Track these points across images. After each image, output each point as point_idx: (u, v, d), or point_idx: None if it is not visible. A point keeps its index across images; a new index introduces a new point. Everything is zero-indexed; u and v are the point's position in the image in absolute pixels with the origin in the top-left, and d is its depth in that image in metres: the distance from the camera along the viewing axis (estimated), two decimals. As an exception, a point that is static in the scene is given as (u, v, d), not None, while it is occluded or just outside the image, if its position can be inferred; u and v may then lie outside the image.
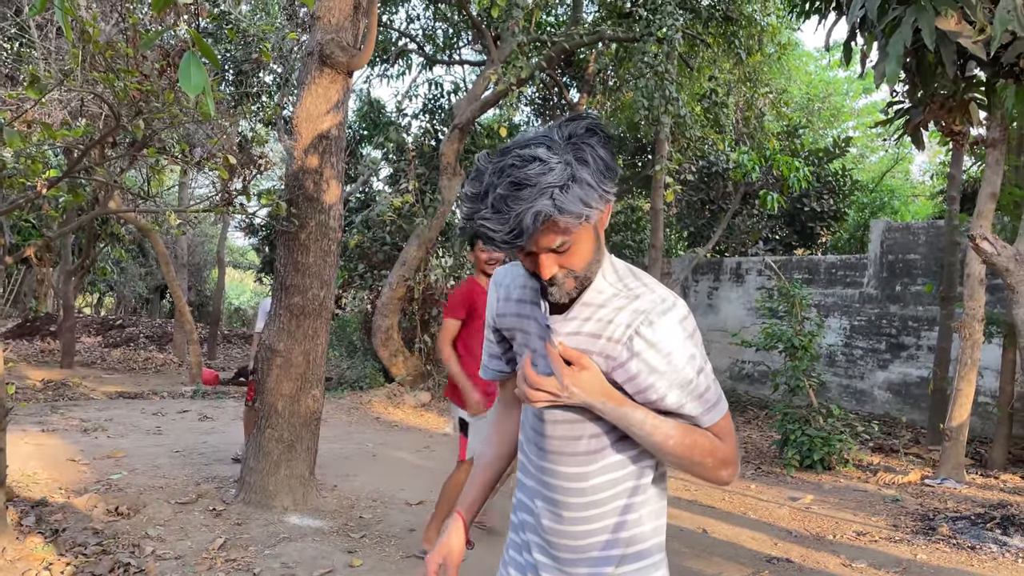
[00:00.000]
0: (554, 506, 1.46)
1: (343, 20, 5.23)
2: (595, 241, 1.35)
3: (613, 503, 1.42)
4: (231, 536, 4.49)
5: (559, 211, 1.22)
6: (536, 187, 1.21)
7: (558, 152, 1.25)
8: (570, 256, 1.32)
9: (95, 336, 19.20)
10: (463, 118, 10.11)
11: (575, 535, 1.44)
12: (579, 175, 1.24)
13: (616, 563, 1.43)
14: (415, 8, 13.28)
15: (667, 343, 1.33)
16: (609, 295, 1.39)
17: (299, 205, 5.19)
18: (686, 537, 5.04)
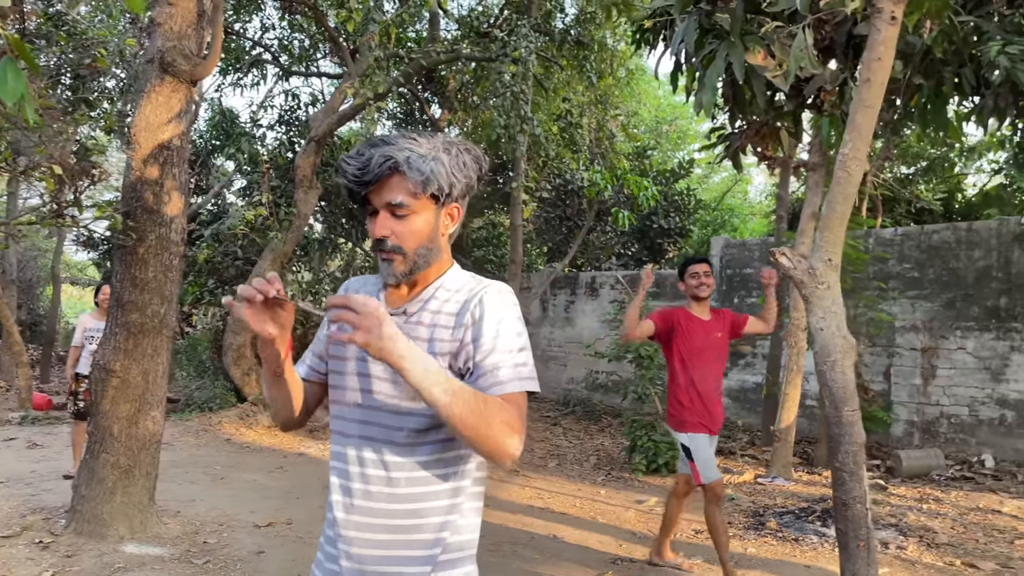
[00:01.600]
0: (369, 500, 1.48)
1: (186, 28, 5.07)
2: (431, 231, 1.49)
3: (432, 502, 1.47)
4: (59, 569, 4.21)
5: (406, 164, 1.41)
6: (396, 145, 1.42)
7: (431, 142, 1.46)
8: (404, 227, 1.46)
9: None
10: (319, 131, 9.97)
11: (389, 537, 1.47)
12: (437, 156, 1.44)
13: (432, 567, 1.47)
14: (270, 17, 12.94)
15: (501, 311, 1.47)
16: (460, 287, 1.54)
17: (137, 218, 4.96)
18: (537, 543, 5.18)
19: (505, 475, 7.42)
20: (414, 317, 1.51)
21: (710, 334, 4.38)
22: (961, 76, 5.72)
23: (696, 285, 4.43)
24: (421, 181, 1.42)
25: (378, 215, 1.47)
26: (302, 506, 5.87)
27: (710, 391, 4.35)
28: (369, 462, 1.49)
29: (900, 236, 9.11)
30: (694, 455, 4.31)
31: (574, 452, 8.70)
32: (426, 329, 1.49)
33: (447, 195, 1.48)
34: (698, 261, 4.50)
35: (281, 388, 1.56)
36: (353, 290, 1.69)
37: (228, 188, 15.47)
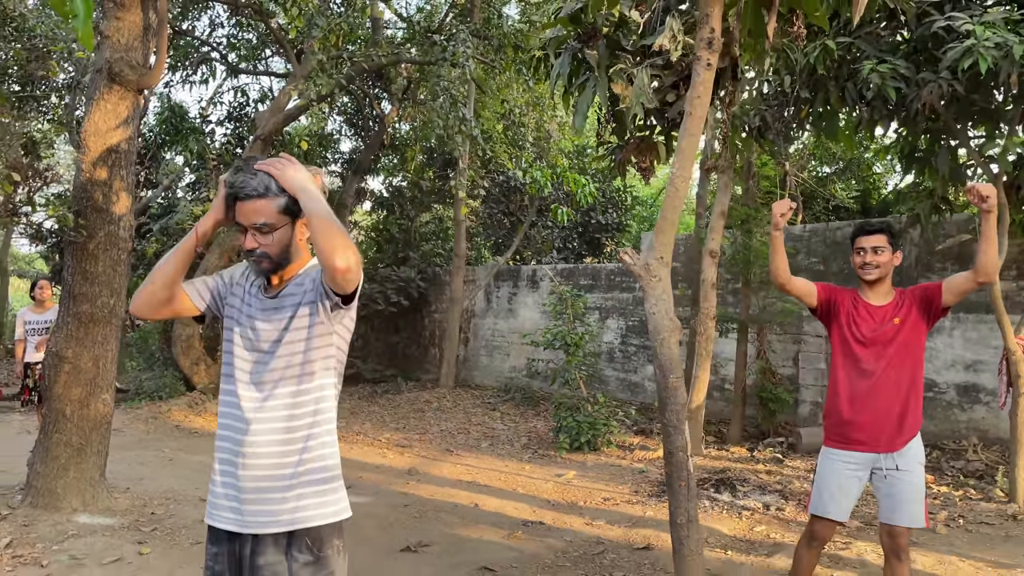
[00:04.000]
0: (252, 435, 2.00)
1: (132, 40, 5.48)
2: (290, 240, 2.01)
3: (297, 432, 1.99)
4: (17, 536, 4.63)
5: (266, 192, 1.93)
6: (255, 176, 1.94)
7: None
8: (269, 240, 1.96)
9: None
10: (266, 129, 10.36)
11: (267, 461, 1.98)
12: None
13: (293, 483, 1.97)
14: (219, 16, 13.22)
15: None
16: (307, 269, 2.07)
17: (87, 216, 5.37)
18: (459, 510, 5.75)
19: (439, 454, 7.98)
20: (280, 301, 2.04)
21: (883, 322, 3.32)
22: (845, 90, 6.45)
23: (860, 264, 3.36)
24: (280, 206, 1.94)
25: (247, 231, 1.97)
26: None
27: (869, 393, 3.27)
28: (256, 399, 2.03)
29: (808, 232, 9.85)
30: (816, 473, 3.43)
31: (507, 434, 9.28)
32: (289, 297, 2.03)
33: (298, 212, 1.97)
34: (869, 231, 3.36)
35: (184, 266, 2.09)
36: (244, 271, 2.19)
37: (177, 183, 15.71)
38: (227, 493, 2.01)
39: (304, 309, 2.00)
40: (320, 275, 1.92)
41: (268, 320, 2.04)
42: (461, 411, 10.91)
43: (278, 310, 2.04)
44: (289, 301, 2.02)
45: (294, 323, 2.00)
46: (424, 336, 15.32)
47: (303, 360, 2.00)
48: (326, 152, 15.77)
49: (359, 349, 14.56)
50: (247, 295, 2.11)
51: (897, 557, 3.23)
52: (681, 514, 2.90)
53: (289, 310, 2.01)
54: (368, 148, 15.09)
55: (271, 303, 2.05)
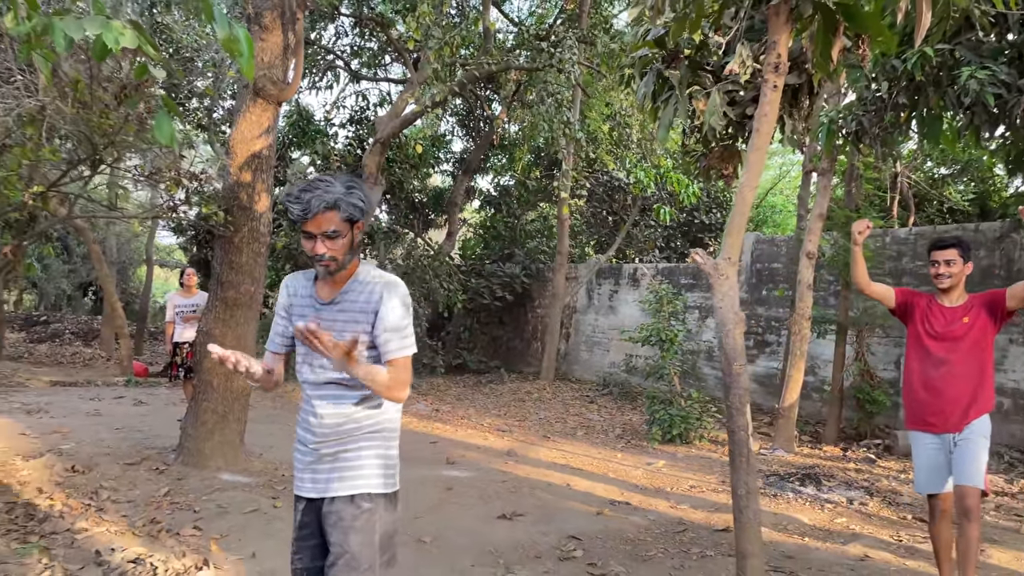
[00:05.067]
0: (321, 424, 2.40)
1: (274, 59, 6.23)
2: (350, 244, 2.27)
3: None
4: (173, 487, 5.44)
5: (335, 205, 2.20)
6: (326, 190, 2.20)
7: (343, 183, 2.26)
8: (335, 245, 2.23)
9: (18, 332, 19.38)
10: (384, 133, 11.14)
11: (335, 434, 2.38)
12: (352, 195, 2.24)
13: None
14: (343, 26, 14.19)
15: (392, 301, 2.31)
16: (368, 280, 2.34)
17: (234, 213, 6.17)
18: (552, 488, 6.22)
19: (537, 439, 8.47)
20: (338, 306, 2.34)
21: (954, 321, 3.79)
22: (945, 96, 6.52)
23: (935, 275, 3.87)
24: (346, 215, 2.22)
25: (315, 238, 2.23)
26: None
27: (940, 381, 3.75)
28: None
29: (914, 235, 9.74)
30: (912, 456, 3.97)
31: (602, 424, 9.69)
32: (347, 314, 2.32)
33: (359, 218, 2.27)
34: (941, 246, 3.84)
35: (261, 380, 2.47)
36: (290, 285, 2.49)
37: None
38: None
39: (355, 330, 2.29)
40: (376, 314, 2.29)
41: (328, 328, 2.28)
42: (559, 402, 11.38)
43: (334, 321, 2.32)
44: (346, 317, 2.32)
45: (346, 337, 2.23)
46: (527, 330, 15.87)
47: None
48: (439, 152, 16.58)
49: (465, 341, 15.27)
50: (301, 307, 2.42)
51: (966, 517, 3.57)
52: (741, 486, 3.25)
53: (345, 324, 2.31)
54: (478, 148, 15.78)
55: (327, 309, 2.35)
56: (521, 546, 4.66)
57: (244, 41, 3.36)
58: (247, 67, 3.50)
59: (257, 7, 6.12)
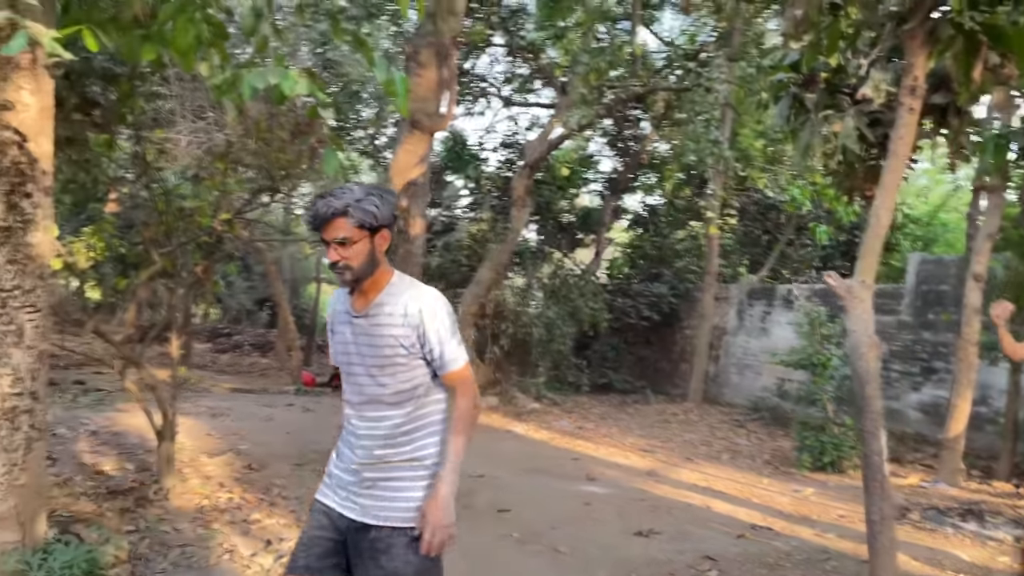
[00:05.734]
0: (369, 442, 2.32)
1: (429, 93, 6.71)
2: (370, 253, 2.19)
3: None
4: (334, 487, 5.93)
5: (344, 211, 2.13)
6: (338, 196, 2.15)
7: (363, 190, 2.20)
8: (349, 252, 2.16)
9: (205, 343, 21.44)
10: (532, 157, 11.52)
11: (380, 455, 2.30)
12: (367, 200, 2.17)
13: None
14: (495, 54, 14.81)
15: (433, 314, 2.23)
16: (400, 292, 2.26)
17: (392, 237, 6.66)
18: (691, 509, 6.22)
19: (680, 461, 8.44)
20: (372, 319, 2.25)
21: None
22: None
23: None
24: (359, 222, 2.14)
25: (330, 246, 2.18)
26: (503, 467, 7.31)
27: None
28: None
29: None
30: None
31: (750, 449, 9.47)
32: (381, 327, 2.24)
33: (376, 226, 2.19)
34: None
35: None
36: (333, 300, 2.46)
37: (455, 203, 17.70)
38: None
39: (394, 344, 2.24)
40: (417, 331, 2.22)
41: (359, 342, 2.30)
42: (706, 425, 11.22)
43: (368, 335, 2.27)
44: (380, 331, 2.25)
45: (383, 351, 2.26)
46: (674, 351, 15.70)
47: (388, 379, 2.28)
48: (587, 172, 16.82)
49: (611, 360, 15.33)
50: (339, 320, 2.39)
51: None
52: (875, 512, 3.20)
53: (379, 339, 2.25)
54: (627, 168, 15.89)
55: (359, 323, 2.29)
56: (655, 562, 4.74)
57: (400, 84, 3.74)
58: (402, 106, 3.87)
59: (415, 46, 6.63)
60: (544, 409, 11.38)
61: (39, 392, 3.70)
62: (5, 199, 3.55)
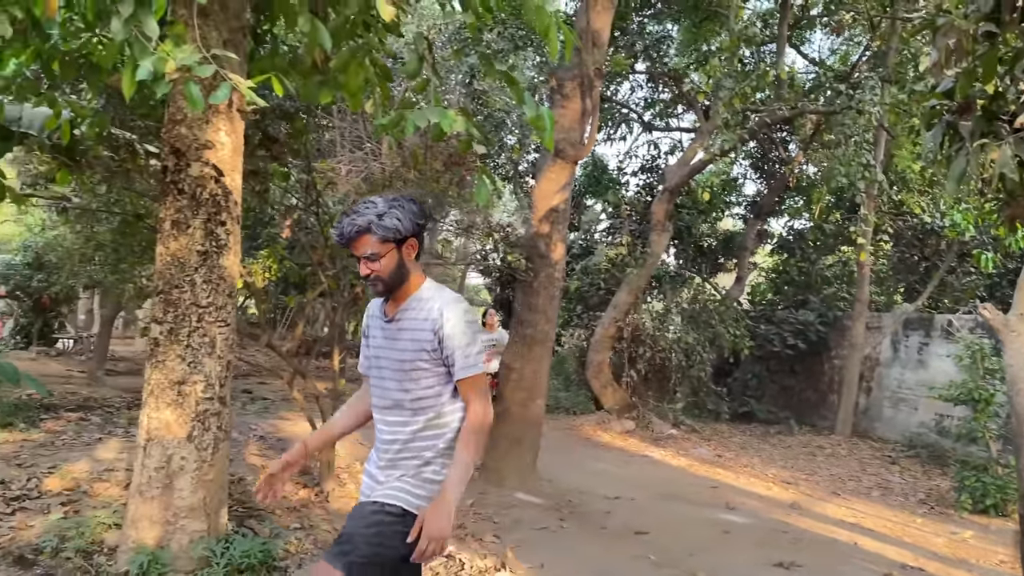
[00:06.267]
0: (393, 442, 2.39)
1: (573, 123, 6.94)
2: (398, 263, 2.27)
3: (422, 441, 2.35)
4: (476, 499, 6.22)
5: (368, 228, 2.21)
6: (361, 214, 2.23)
7: (385, 203, 2.27)
8: (378, 266, 2.25)
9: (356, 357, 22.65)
10: (672, 182, 11.52)
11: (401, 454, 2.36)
12: (389, 215, 2.23)
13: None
14: (636, 80, 14.93)
15: (454, 319, 2.27)
16: (427, 298, 2.32)
17: (533, 260, 6.93)
18: (836, 545, 6.02)
19: (825, 495, 8.14)
20: (400, 324, 2.32)
21: None
22: None
23: None
24: (383, 237, 2.22)
25: (360, 260, 2.27)
26: (639, 490, 7.35)
27: None
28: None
29: None
30: None
31: (903, 487, 8.98)
32: (407, 332, 2.30)
33: (402, 237, 2.26)
34: None
35: (332, 441, 2.75)
36: (369, 307, 2.51)
37: (594, 227, 17.87)
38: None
39: (417, 348, 2.29)
40: (437, 335, 2.26)
41: (388, 346, 2.36)
42: (855, 460, 10.72)
43: (395, 340, 2.34)
44: (406, 335, 2.31)
45: (408, 356, 2.31)
46: (822, 382, 15.05)
47: (411, 384, 2.33)
48: (729, 196, 16.54)
49: (753, 388, 14.91)
50: (373, 326, 2.46)
51: None
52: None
53: (405, 343, 2.31)
54: (771, 191, 15.50)
55: (389, 327, 2.36)
56: (796, 595, 4.66)
57: (547, 119, 3.97)
58: (548, 140, 4.10)
59: (560, 79, 6.89)
60: (682, 436, 11.26)
61: (226, 398, 4.18)
62: (203, 227, 4.07)
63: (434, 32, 9.77)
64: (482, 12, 3.86)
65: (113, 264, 10.03)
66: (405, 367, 2.30)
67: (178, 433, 3.97)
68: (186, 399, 3.98)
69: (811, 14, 13.53)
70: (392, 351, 2.33)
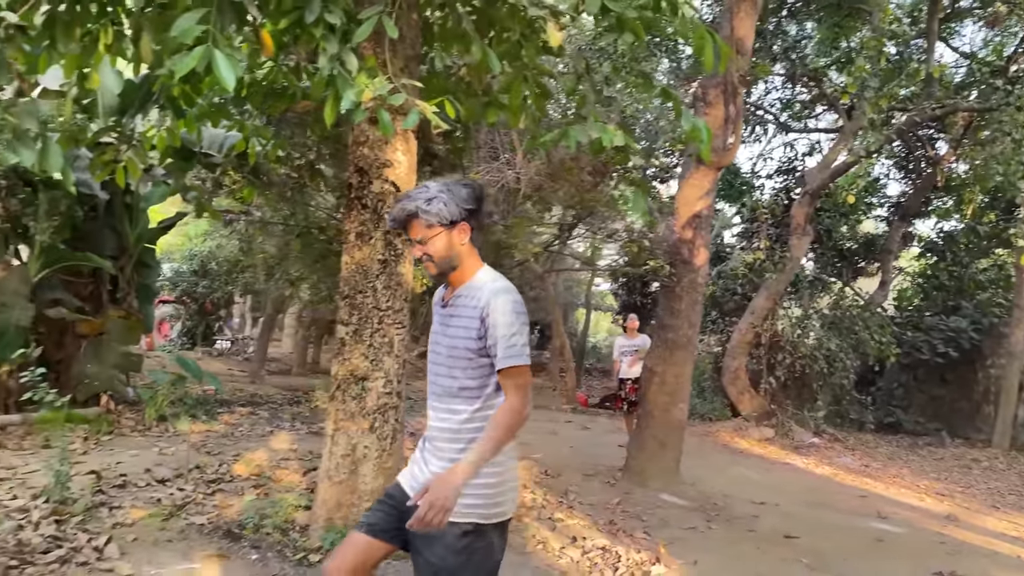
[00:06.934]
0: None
1: (716, 130, 6.99)
2: (448, 246, 2.25)
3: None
4: (623, 499, 6.40)
5: (415, 213, 2.23)
6: (411, 199, 2.26)
7: (436, 188, 2.26)
8: (429, 249, 2.25)
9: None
10: (814, 185, 11.28)
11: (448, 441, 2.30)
12: (438, 196, 2.23)
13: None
14: (773, 81, 14.66)
15: (501, 308, 2.20)
16: (479, 286, 2.27)
17: (676, 266, 7.05)
18: (998, 557, 5.81)
19: (984, 508, 7.79)
20: (453, 309, 2.30)
21: None
22: None
23: None
24: (428, 221, 2.22)
25: (413, 244, 2.30)
26: (784, 497, 7.30)
27: None
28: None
29: None
30: None
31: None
32: (458, 318, 2.27)
33: (452, 221, 2.24)
34: None
35: None
36: (436, 296, 2.48)
37: (728, 231, 17.63)
38: None
39: (465, 335, 2.26)
40: (485, 323, 2.21)
41: (441, 332, 2.35)
42: (1015, 474, 10.14)
43: (447, 326, 2.32)
44: (457, 322, 2.29)
45: (457, 343, 2.28)
46: (975, 392, 14.21)
47: (459, 372, 2.30)
48: (871, 197, 15.90)
49: (899, 398, 14.29)
50: (435, 313, 2.44)
51: None
52: None
53: (456, 329, 2.29)
54: (918, 191, 14.82)
55: (443, 313, 2.36)
56: (959, 605, 4.58)
57: (703, 131, 4.14)
58: (705, 152, 4.27)
59: (703, 86, 7.00)
60: (824, 444, 11.00)
61: (402, 393, 4.58)
62: (383, 238, 4.48)
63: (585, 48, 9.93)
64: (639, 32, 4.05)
65: (273, 272, 10.93)
66: (455, 354, 2.28)
67: (361, 424, 4.39)
68: (368, 394, 4.39)
69: (961, 6, 12.87)
70: (444, 337, 2.32)
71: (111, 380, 8.02)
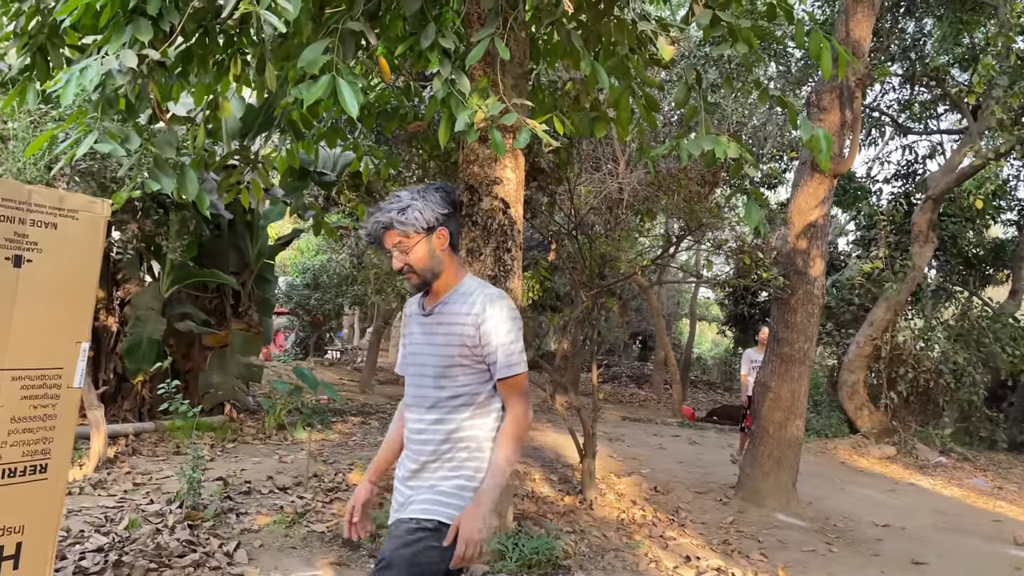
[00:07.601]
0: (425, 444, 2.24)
1: (832, 134, 6.74)
2: (429, 253, 2.18)
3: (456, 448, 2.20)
4: (736, 517, 6.22)
5: (390, 225, 2.16)
6: (383, 211, 2.18)
7: (409, 196, 2.19)
8: (410, 257, 2.18)
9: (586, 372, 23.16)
10: (937, 190, 10.68)
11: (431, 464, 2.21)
12: (411, 204, 2.16)
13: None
14: (890, 82, 13.98)
15: (498, 315, 2.15)
16: (469, 292, 2.21)
17: (790, 277, 6.82)
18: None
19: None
20: (439, 316, 2.22)
21: None
22: None
23: None
24: (405, 231, 2.16)
25: (392, 255, 2.23)
26: (909, 519, 6.90)
27: None
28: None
29: None
30: None
31: None
32: (445, 325, 2.20)
33: (429, 227, 2.17)
34: None
35: (391, 462, 2.41)
36: (408, 304, 2.42)
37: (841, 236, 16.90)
38: None
39: (456, 343, 2.18)
40: (479, 330, 2.15)
41: (425, 341, 2.26)
42: None
43: (433, 334, 2.23)
44: (444, 329, 2.22)
45: (447, 350, 2.20)
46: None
47: (448, 378, 2.21)
48: (1000, 201, 14.91)
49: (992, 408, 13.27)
50: (411, 321, 2.36)
51: None
52: None
53: (443, 337, 2.21)
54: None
55: (427, 321, 2.26)
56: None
57: (823, 140, 3.99)
58: (824, 161, 4.12)
59: (817, 90, 6.76)
60: (952, 464, 10.35)
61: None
62: (493, 254, 4.54)
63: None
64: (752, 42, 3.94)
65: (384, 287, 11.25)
66: (442, 363, 2.20)
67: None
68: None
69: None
70: (430, 346, 2.24)
71: (234, 390, 8.45)
